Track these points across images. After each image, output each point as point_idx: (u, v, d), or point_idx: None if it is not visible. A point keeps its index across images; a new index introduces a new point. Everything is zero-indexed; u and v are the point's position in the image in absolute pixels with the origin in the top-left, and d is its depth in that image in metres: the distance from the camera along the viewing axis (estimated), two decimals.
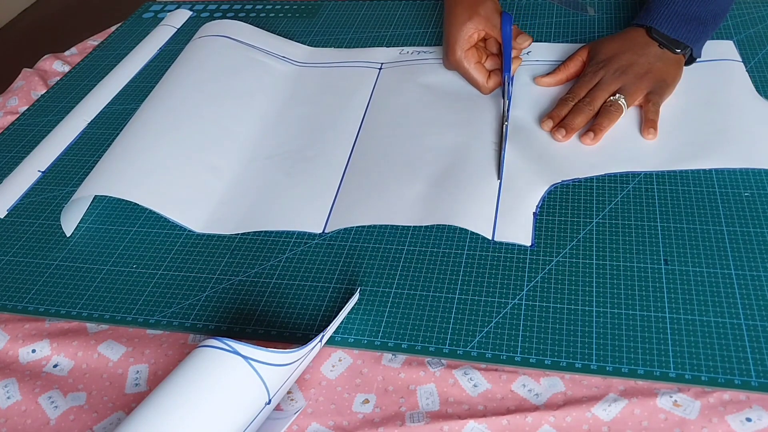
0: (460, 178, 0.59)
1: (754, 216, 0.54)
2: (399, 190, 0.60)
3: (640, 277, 0.51)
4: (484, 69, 0.69)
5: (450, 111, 0.68)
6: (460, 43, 0.68)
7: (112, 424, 0.47)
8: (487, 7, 0.67)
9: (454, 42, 0.68)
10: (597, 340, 0.47)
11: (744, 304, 0.48)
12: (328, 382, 0.47)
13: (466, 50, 0.68)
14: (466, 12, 0.67)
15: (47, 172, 0.70)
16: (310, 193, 0.61)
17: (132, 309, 0.54)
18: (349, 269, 0.55)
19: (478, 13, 0.67)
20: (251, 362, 0.42)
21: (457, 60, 0.68)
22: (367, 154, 0.65)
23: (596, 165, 0.60)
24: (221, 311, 0.53)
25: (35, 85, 0.84)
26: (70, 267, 0.58)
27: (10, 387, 0.50)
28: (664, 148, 0.61)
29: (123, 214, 0.63)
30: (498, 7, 0.68)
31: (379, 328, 0.50)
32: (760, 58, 0.70)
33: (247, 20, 0.88)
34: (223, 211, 0.61)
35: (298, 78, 0.77)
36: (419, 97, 0.71)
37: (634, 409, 0.43)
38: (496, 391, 0.45)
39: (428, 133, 0.66)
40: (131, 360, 0.51)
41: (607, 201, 0.57)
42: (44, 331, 0.54)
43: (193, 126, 0.67)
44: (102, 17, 2.26)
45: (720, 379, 0.44)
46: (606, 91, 0.64)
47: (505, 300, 0.50)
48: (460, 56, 0.68)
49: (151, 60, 0.86)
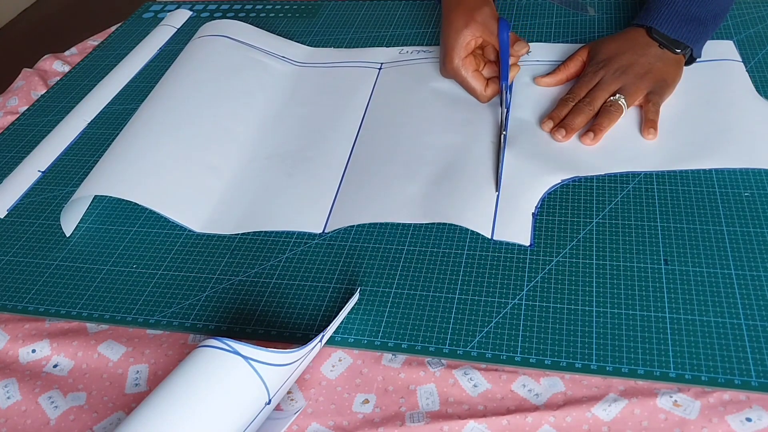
0: (459, 177, 0.59)
1: (754, 216, 0.54)
2: (398, 188, 0.60)
3: (640, 277, 0.51)
4: (482, 77, 0.68)
5: (450, 110, 0.68)
6: (457, 50, 0.67)
7: (112, 424, 0.47)
8: (484, 14, 0.67)
9: (451, 50, 0.67)
10: (597, 340, 0.47)
11: (744, 304, 0.48)
12: (328, 382, 0.47)
13: (464, 58, 0.67)
14: (463, 19, 0.67)
15: (47, 172, 0.70)
16: (310, 193, 0.61)
17: (132, 309, 0.54)
18: (349, 269, 0.55)
19: (475, 20, 0.66)
20: (251, 362, 0.42)
21: (454, 68, 0.67)
22: (366, 153, 0.65)
23: (596, 165, 0.60)
24: (221, 311, 0.53)
25: (35, 85, 0.84)
26: (70, 267, 0.58)
27: (10, 387, 0.50)
28: (664, 148, 0.61)
29: (123, 214, 0.63)
30: (495, 14, 0.68)
31: (379, 328, 0.50)
32: (760, 58, 0.70)
33: (247, 20, 0.88)
34: (222, 210, 0.61)
35: (297, 78, 0.77)
36: (419, 97, 0.71)
37: (634, 409, 0.43)
38: (496, 391, 0.45)
39: (428, 132, 0.66)
40: (131, 360, 0.51)
41: (607, 201, 0.57)
42: (44, 331, 0.54)
43: (193, 126, 0.67)
44: (102, 17, 2.26)
45: (720, 379, 0.44)
46: (606, 91, 0.64)
47: (505, 300, 0.50)
48: (458, 64, 0.67)
49: (151, 60, 0.86)
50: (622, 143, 0.62)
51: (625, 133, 0.63)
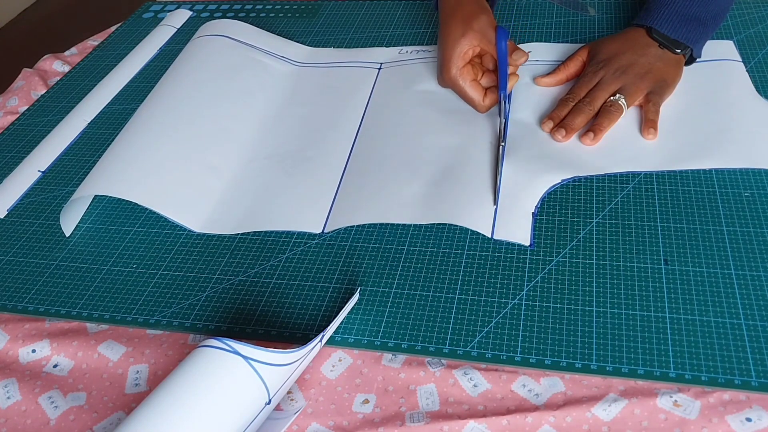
0: (459, 177, 0.59)
1: (754, 216, 0.54)
2: (398, 188, 0.60)
3: (640, 277, 0.51)
4: (480, 87, 0.67)
5: (449, 110, 0.68)
6: (455, 60, 0.66)
7: (112, 424, 0.47)
8: (482, 22, 0.66)
9: (448, 60, 0.66)
10: (597, 340, 0.47)
11: (744, 304, 0.48)
12: (328, 382, 0.47)
13: (461, 68, 0.66)
14: (460, 27, 0.66)
15: (47, 172, 0.70)
16: (310, 193, 0.61)
17: (132, 309, 0.54)
18: (349, 269, 0.55)
19: (472, 29, 0.65)
20: (251, 362, 0.42)
21: (452, 78, 0.66)
22: (366, 153, 0.65)
23: (596, 165, 0.60)
24: (221, 311, 0.53)
25: (35, 85, 0.84)
26: (70, 267, 0.58)
27: (10, 387, 0.50)
28: (664, 148, 0.61)
29: (123, 214, 0.63)
30: (493, 22, 0.67)
31: (379, 328, 0.50)
32: (760, 58, 0.70)
33: (247, 20, 0.88)
34: (222, 210, 0.61)
35: (297, 78, 0.77)
36: (418, 97, 0.71)
37: (634, 409, 0.43)
38: (496, 391, 0.45)
39: (427, 132, 0.66)
40: (131, 360, 0.51)
41: (607, 201, 0.57)
42: (44, 331, 0.54)
43: (192, 125, 0.67)
44: (102, 17, 2.26)
45: (720, 379, 0.44)
46: (606, 91, 0.64)
47: (505, 300, 0.50)
48: (455, 74, 0.66)
49: (151, 60, 0.86)
50: (622, 143, 0.62)
51: (624, 133, 0.63)
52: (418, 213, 0.57)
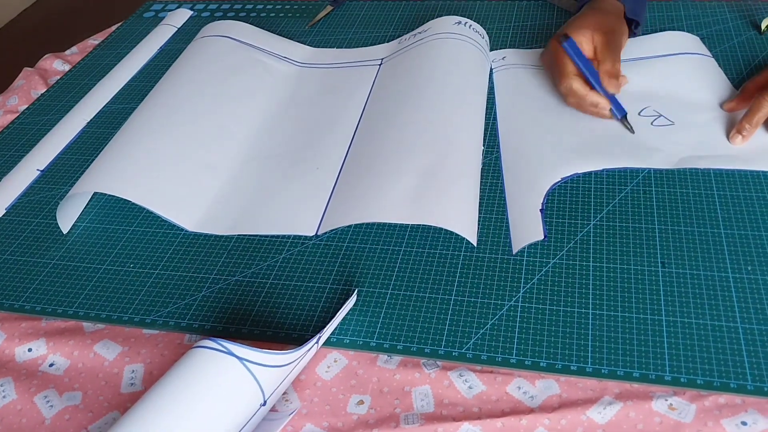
0: (449, 178, 0.57)
1: (752, 219, 0.54)
2: (389, 186, 0.57)
3: (637, 280, 0.51)
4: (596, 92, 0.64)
5: (445, 97, 0.65)
6: None
7: (108, 423, 0.47)
8: None
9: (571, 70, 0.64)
10: (593, 343, 0.47)
11: (741, 307, 0.48)
12: (323, 383, 0.47)
13: None
14: None
15: (46, 171, 0.70)
16: (305, 195, 0.61)
17: (128, 308, 0.54)
18: (345, 270, 0.55)
19: None
20: (246, 363, 0.42)
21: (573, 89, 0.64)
22: (361, 153, 0.64)
23: (596, 160, 0.60)
24: (217, 311, 0.53)
25: (35, 84, 0.84)
26: (67, 266, 0.58)
27: (5, 386, 0.50)
28: (664, 148, 0.61)
29: (120, 214, 0.63)
30: None
31: (374, 329, 0.50)
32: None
33: (247, 20, 0.89)
34: (216, 210, 0.61)
35: (299, 78, 0.77)
36: (415, 82, 0.68)
37: (630, 413, 0.43)
38: (491, 393, 0.45)
39: (424, 129, 0.62)
40: (127, 360, 0.51)
41: (604, 203, 0.57)
42: (41, 330, 0.54)
43: (191, 125, 0.67)
44: (102, 17, 2.27)
45: (716, 383, 0.44)
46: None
47: (501, 302, 0.50)
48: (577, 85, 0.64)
49: (151, 59, 0.86)
50: (621, 142, 0.62)
51: (624, 131, 0.63)
52: (405, 213, 0.54)
